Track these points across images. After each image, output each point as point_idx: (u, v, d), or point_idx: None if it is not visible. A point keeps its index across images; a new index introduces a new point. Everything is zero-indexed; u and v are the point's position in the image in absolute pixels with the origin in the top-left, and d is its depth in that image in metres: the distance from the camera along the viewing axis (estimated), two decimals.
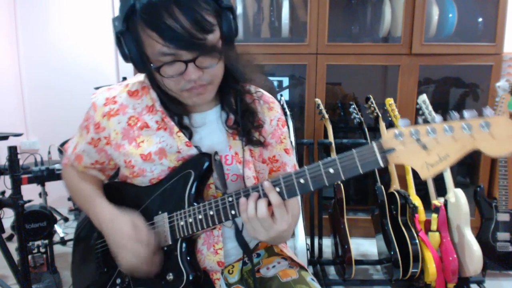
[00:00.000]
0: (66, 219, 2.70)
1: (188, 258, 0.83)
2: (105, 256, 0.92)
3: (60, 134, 2.36)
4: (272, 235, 0.75)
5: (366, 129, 2.04)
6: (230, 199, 0.78)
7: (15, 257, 1.64)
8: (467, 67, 2.52)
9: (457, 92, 2.85)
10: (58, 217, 2.58)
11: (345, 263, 1.82)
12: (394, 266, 1.76)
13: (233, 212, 0.77)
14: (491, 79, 2.34)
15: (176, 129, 0.85)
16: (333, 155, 2.04)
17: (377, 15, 2.54)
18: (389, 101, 2.07)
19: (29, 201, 1.72)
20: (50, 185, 2.25)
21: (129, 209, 0.86)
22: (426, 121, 0.63)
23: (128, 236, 0.80)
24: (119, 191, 0.94)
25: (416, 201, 1.87)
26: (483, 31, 2.52)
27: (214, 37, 0.73)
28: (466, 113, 0.60)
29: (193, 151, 0.85)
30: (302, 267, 0.95)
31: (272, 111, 0.95)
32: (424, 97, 2.04)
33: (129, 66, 2.62)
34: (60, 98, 2.94)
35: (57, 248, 2.24)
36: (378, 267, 2.12)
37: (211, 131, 0.90)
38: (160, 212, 0.85)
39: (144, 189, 0.88)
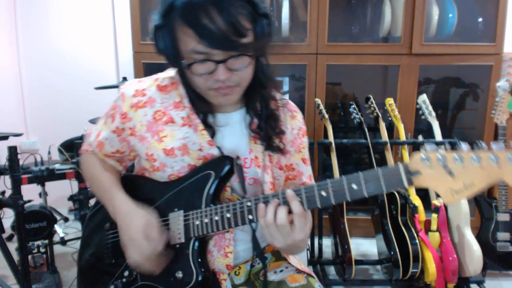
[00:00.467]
0: (66, 219, 2.70)
1: (199, 258, 0.83)
2: (115, 248, 0.92)
3: (60, 134, 2.36)
4: (289, 243, 0.76)
5: (366, 129, 2.04)
6: (249, 203, 0.78)
7: (15, 257, 1.64)
8: (467, 67, 2.52)
9: (457, 92, 2.85)
10: (58, 217, 2.58)
11: (345, 263, 1.82)
12: (394, 266, 1.76)
13: (250, 216, 0.78)
14: (491, 79, 2.34)
15: (201, 126, 0.86)
16: (333, 155, 2.04)
17: (377, 15, 2.54)
18: (389, 101, 2.07)
19: (29, 201, 1.72)
20: (50, 185, 2.25)
21: (145, 205, 0.87)
22: (451, 146, 0.64)
23: (139, 232, 0.81)
24: (136, 184, 0.94)
25: (416, 201, 1.87)
26: (483, 31, 2.52)
27: (247, 41, 0.74)
28: (493, 145, 0.62)
29: (215, 151, 0.86)
30: (309, 274, 0.95)
31: (294, 120, 0.96)
32: (424, 97, 2.04)
33: (129, 66, 2.60)
34: (60, 98, 2.93)
35: (57, 248, 2.24)
36: (378, 267, 2.12)
37: (234, 132, 0.90)
38: (176, 209, 0.86)
39: (162, 185, 0.89)
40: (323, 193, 0.73)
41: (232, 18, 0.70)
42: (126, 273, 0.90)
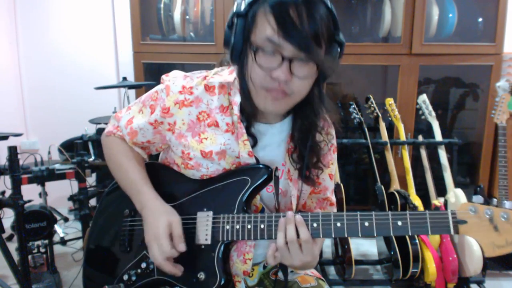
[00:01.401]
0: (66, 219, 2.70)
1: (223, 262, 0.82)
2: (132, 236, 0.91)
3: (60, 134, 2.36)
4: (308, 260, 0.76)
5: (366, 129, 2.04)
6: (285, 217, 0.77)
7: (15, 257, 1.63)
8: (467, 67, 2.52)
9: (457, 92, 2.85)
10: (58, 217, 2.58)
11: (345, 263, 1.82)
12: (394, 266, 1.76)
13: None
14: (491, 79, 2.34)
15: (244, 136, 0.84)
16: None
17: (377, 15, 2.54)
18: (389, 101, 2.07)
19: (29, 201, 1.72)
20: (50, 185, 2.25)
21: (170, 197, 0.86)
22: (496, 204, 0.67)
23: (159, 234, 0.80)
24: (164, 174, 0.93)
25: (416, 201, 1.87)
26: (483, 31, 2.52)
27: (319, 52, 0.74)
28: None
29: (252, 161, 0.85)
30: (319, 277, 0.96)
31: (327, 136, 0.95)
32: (424, 97, 2.04)
33: (129, 66, 2.60)
34: (60, 98, 2.93)
35: (57, 248, 2.24)
36: (378, 267, 2.12)
37: (271, 143, 0.90)
38: (205, 209, 0.85)
39: (193, 182, 0.88)
40: (366, 224, 0.73)
41: (317, 24, 0.72)
42: (143, 265, 0.88)
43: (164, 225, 0.80)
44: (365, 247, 2.39)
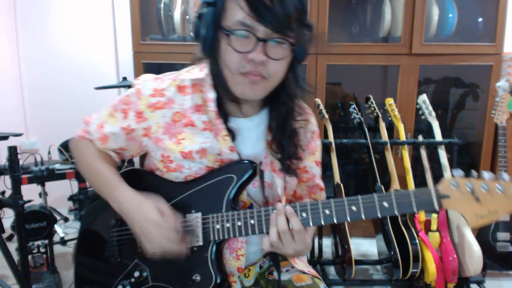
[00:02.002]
0: (66, 219, 2.70)
1: (217, 261, 0.83)
2: (121, 246, 0.91)
3: (60, 134, 2.35)
4: (301, 248, 0.77)
5: (366, 129, 2.04)
6: (275, 211, 0.77)
7: (15, 257, 1.63)
8: (467, 67, 2.52)
9: (457, 92, 2.85)
10: (58, 217, 2.58)
11: (345, 263, 1.82)
12: (394, 266, 1.75)
13: None
14: (491, 79, 2.34)
15: (223, 132, 0.84)
16: (333, 155, 2.04)
17: (377, 15, 2.54)
18: (389, 101, 2.07)
19: (29, 201, 1.72)
20: (50, 185, 2.25)
21: (150, 193, 0.84)
22: (473, 175, 0.71)
23: (151, 212, 0.79)
24: (146, 180, 0.91)
25: None
26: (483, 31, 2.52)
27: (291, 35, 0.75)
28: None
29: (235, 156, 0.85)
30: (314, 276, 0.96)
31: (308, 124, 0.96)
32: (424, 97, 2.04)
33: (129, 66, 2.59)
34: (60, 98, 2.93)
35: (57, 248, 2.24)
36: (378, 267, 2.12)
37: (251, 137, 0.89)
38: (193, 211, 0.84)
39: (177, 185, 0.87)
40: (354, 208, 0.74)
41: (287, 6, 0.73)
42: (136, 273, 0.87)
43: (152, 208, 0.80)
44: (365, 247, 2.39)
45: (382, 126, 2.04)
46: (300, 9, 0.76)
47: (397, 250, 1.76)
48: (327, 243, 2.14)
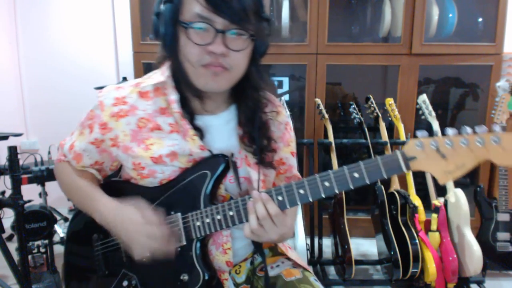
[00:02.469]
0: (66, 219, 2.70)
1: (202, 258, 0.83)
2: (106, 258, 0.91)
3: (60, 134, 2.33)
4: (285, 231, 0.78)
5: (366, 129, 2.04)
6: (252, 199, 0.78)
7: (15, 257, 1.63)
8: (467, 67, 2.52)
9: (457, 92, 2.85)
10: (58, 217, 2.58)
11: (345, 263, 1.82)
12: (394, 266, 1.75)
13: None
14: (491, 79, 2.34)
15: (191, 132, 0.84)
16: (333, 155, 2.04)
17: (377, 15, 2.54)
18: (389, 101, 2.07)
19: (29, 201, 1.72)
20: (50, 185, 2.25)
21: (128, 198, 0.85)
22: (430, 128, 0.68)
23: (140, 223, 0.79)
24: (122, 190, 0.92)
25: (416, 201, 1.87)
26: (483, 31, 2.52)
27: (247, 26, 0.76)
28: (478, 129, 0.69)
29: (206, 154, 0.85)
30: (305, 269, 0.96)
31: (280, 115, 0.96)
32: (424, 97, 2.04)
33: (129, 66, 2.59)
34: (60, 98, 2.93)
35: (57, 248, 2.24)
36: (378, 267, 2.12)
37: (222, 133, 0.89)
38: (172, 213, 0.84)
39: (152, 190, 0.87)
40: (326, 183, 0.75)
41: None
42: (125, 283, 0.88)
43: (133, 210, 0.80)
44: (365, 247, 2.39)
45: (382, 126, 2.04)
46: (257, 2, 0.77)
47: (397, 250, 1.76)
48: (327, 243, 2.14)
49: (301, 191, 0.76)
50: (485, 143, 0.68)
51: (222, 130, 0.90)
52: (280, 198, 0.77)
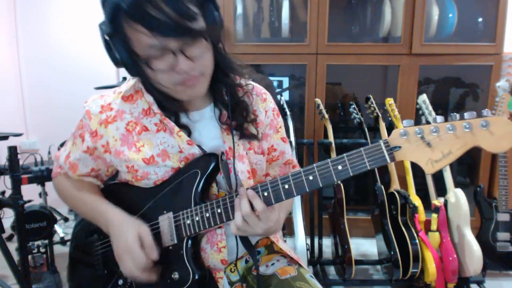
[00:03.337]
0: (66, 219, 2.70)
1: (194, 257, 0.84)
2: (105, 258, 0.93)
3: (60, 134, 2.35)
4: (271, 225, 0.78)
5: (366, 129, 2.04)
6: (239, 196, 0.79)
7: (15, 257, 1.64)
8: (467, 67, 2.52)
9: (457, 92, 2.85)
10: (58, 217, 2.58)
11: (345, 263, 1.82)
12: (394, 266, 1.76)
13: None
14: (491, 79, 2.34)
15: (176, 129, 0.85)
16: (333, 155, 2.04)
17: (377, 15, 2.54)
18: (389, 101, 2.07)
19: (29, 201, 1.73)
20: (50, 185, 2.24)
21: (131, 212, 0.87)
22: (428, 122, 0.65)
23: (131, 245, 0.80)
24: (119, 192, 0.94)
25: (416, 201, 1.87)
26: (483, 31, 2.52)
27: (198, 25, 0.73)
28: (466, 114, 0.65)
29: (195, 150, 0.86)
30: (301, 265, 0.96)
31: (266, 102, 0.97)
32: (424, 97, 2.04)
33: None
34: (60, 98, 2.94)
35: (57, 248, 2.24)
36: (378, 267, 2.12)
37: (207, 127, 0.91)
38: (165, 212, 0.86)
39: (148, 190, 0.88)
40: (310, 177, 0.74)
41: (179, 4, 0.70)
42: (120, 282, 0.89)
43: (133, 236, 0.81)
44: (365, 247, 2.39)
45: (382, 126, 2.04)
46: (184, 3, 0.72)
47: (397, 250, 1.76)
48: (327, 243, 2.14)
49: (286, 186, 0.76)
50: (472, 127, 0.64)
51: (207, 124, 0.91)
52: (265, 194, 0.77)
